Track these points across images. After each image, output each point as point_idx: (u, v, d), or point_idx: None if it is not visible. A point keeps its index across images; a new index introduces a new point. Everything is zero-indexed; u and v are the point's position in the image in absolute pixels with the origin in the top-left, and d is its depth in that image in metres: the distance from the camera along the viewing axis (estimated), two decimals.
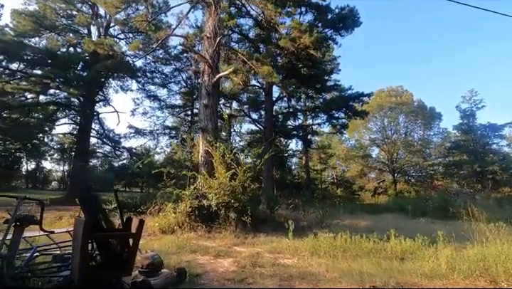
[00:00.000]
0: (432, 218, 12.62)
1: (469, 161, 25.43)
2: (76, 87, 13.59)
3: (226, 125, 8.69)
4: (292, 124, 19.23)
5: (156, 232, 7.05)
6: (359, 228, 9.23)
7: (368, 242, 6.00)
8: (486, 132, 26.47)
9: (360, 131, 33.97)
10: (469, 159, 25.70)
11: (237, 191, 7.70)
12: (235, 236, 6.94)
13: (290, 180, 25.70)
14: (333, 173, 36.96)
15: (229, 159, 7.93)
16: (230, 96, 15.90)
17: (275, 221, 9.16)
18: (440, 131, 31.06)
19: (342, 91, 15.76)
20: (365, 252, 5.47)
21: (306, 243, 6.11)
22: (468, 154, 26.20)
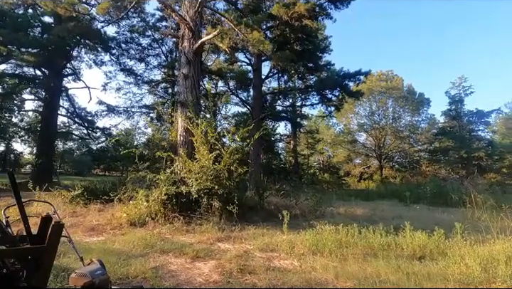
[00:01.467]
0: (427, 204, 12.09)
1: (456, 148, 25.36)
2: (34, 55, 11.70)
3: (210, 98, 7.36)
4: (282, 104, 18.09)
5: (124, 225, 5.86)
6: (357, 217, 8.42)
7: (375, 235, 5.10)
8: (473, 118, 26.38)
9: (348, 116, 33.36)
10: (456, 145, 25.63)
11: (221, 176, 6.57)
12: (219, 229, 5.87)
13: (277, 165, 24.85)
14: (320, 158, 36.51)
15: (212, 138, 6.74)
16: (215, 73, 14.46)
17: (265, 209, 8.17)
18: (428, 117, 30.88)
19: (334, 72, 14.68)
20: (376, 249, 4.55)
21: (304, 237, 5.12)
22: (454, 141, 26.12)
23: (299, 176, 22.73)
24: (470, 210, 8.90)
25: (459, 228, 5.20)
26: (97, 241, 4.64)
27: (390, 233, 5.56)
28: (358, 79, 12.95)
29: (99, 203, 7.90)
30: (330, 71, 13.94)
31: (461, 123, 26.64)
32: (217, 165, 6.55)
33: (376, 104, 31.09)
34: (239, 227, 6.09)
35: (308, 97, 19.13)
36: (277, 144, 28.02)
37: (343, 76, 12.98)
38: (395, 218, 8.24)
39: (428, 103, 30.49)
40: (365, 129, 32.06)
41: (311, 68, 15.15)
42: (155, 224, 5.84)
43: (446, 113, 27.14)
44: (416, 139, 30.81)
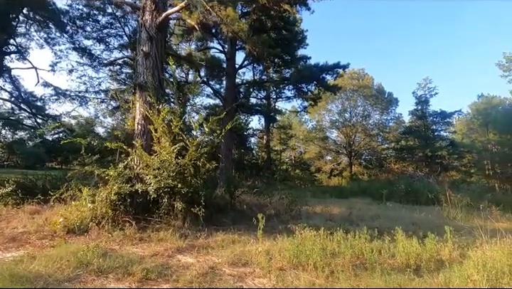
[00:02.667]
0: (399, 202, 12.02)
1: (421, 146, 26.34)
2: None
3: (174, 80, 6.28)
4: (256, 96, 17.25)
5: (59, 232, 4.67)
6: (335, 217, 7.88)
7: (360, 241, 4.48)
8: (437, 118, 27.55)
9: (320, 113, 33.48)
10: (421, 144, 26.63)
11: (186, 172, 5.59)
12: (182, 236, 4.91)
13: (249, 160, 24.10)
14: (292, 154, 36.41)
15: (177, 127, 5.71)
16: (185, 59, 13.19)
17: (236, 210, 7.32)
18: (396, 116, 31.88)
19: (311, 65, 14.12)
20: (366, 260, 3.90)
21: (283, 245, 4.36)
22: (419, 139, 27.14)
23: (271, 172, 22.18)
24: (446, 209, 8.82)
25: (449, 233, 4.77)
26: (10, 258, 3.47)
27: (375, 238, 5.02)
28: (336, 72, 12.51)
29: (36, 204, 6.54)
30: (306, 65, 13.35)
31: (426, 123, 27.72)
32: (181, 159, 5.55)
33: (348, 102, 31.45)
34: (205, 232, 5.18)
35: (283, 91, 18.53)
36: (250, 139, 27.25)
37: (321, 69, 12.47)
38: (374, 218, 7.83)
39: (396, 102, 31.47)
40: (336, 126, 32.38)
41: (287, 61, 14.49)
42: (100, 231, 4.73)
43: (413, 113, 28.09)
44: (384, 137, 31.69)
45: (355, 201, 11.83)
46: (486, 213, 8.74)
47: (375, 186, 15.04)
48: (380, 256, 4.10)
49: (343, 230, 4.93)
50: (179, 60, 12.89)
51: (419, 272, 3.68)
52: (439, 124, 28.02)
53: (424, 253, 4.04)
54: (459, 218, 7.98)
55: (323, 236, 4.79)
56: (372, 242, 4.80)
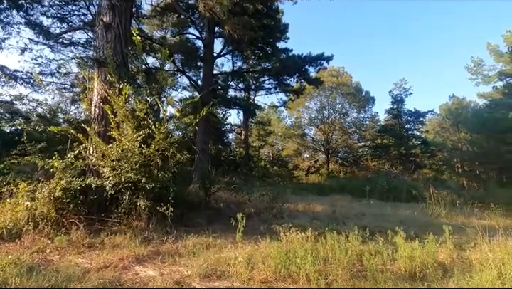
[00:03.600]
0: (380, 199, 11.82)
1: (396, 144, 26.86)
2: None
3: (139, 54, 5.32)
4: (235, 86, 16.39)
5: None
6: (319, 216, 7.33)
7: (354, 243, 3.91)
8: (411, 118, 28.22)
9: (299, 110, 33.28)
10: (395, 142, 27.16)
11: (152, 165, 4.72)
12: (144, 240, 4.07)
13: (226, 156, 23.24)
14: (270, 151, 36.00)
15: (142, 112, 4.81)
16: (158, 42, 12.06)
17: (212, 208, 6.53)
18: (372, 114, 32.39)
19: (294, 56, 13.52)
20: (365, 267, 3.30)
21: (266, 250, 3.67)
22: (395, 138, 27.67)
23: (249, 168, 21.50)
24: (430, 206, 8.62)
25: (448, 233, 4.33)
26: None
27: (366, 238, 4.50)
28: (320, 64, 12.04)
29: None
30: (289, 55, 12.75)
31: (400, 122, 28.34)
32: (146, 149, 4.67)
33: (326, 99, 31.46)
34: (174, 235, 4.36)
35: (263, 84, 17.84)
36: (227, 134, 26.37)
37: (304, 60, 11.91)
38: (359, 216, 7.39)
39: (373, 101, 31.92)
40: (315, 124, 32.33)
41: (268, 53, 13.80)
42: (37, 236, 3.76)
43: (389, 111, 28.60)
44: (361, 135, 32.09)
45: (336, 198, 11.44)
46: (467, 210, 8.71)
47: (354, 184, 14.86)
48: (379, 261, 3.53)
49: (332, 231, 4.36)
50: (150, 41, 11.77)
51: (426, 279, 3.15)
52: (413, 123, 28.77)
53: (428, 258, 3.51)
54: (443, 216, 7.78)
55: (312, 238, 4.18)
56: (365, 244, 4.30)
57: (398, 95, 28.49)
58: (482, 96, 26.65)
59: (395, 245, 4.31)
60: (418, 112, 28.12)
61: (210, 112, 15.39)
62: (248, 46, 11.50)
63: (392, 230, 5.11)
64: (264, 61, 14.56)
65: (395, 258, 3.59)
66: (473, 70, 27.65)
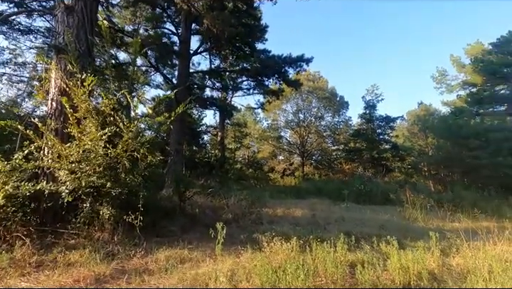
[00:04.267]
0: (356, 202, 11.87)
1: (368, 148, 27.68)
2: None
3: (107, 40, 4.69)
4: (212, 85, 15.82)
5: None
6: (300, 221, 7.05)
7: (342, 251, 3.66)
8: (382, 122, 29.27)
9: (275, 112, 33.33)
10: (368, 146, 28.00)
11: (119, 167, 4.16)
12: (108, 255, 3.51)
13: (201, 158, 22.51)
14: (246, 153, 35.66)
15: (108, 107, 4.23)
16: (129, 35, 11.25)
17: (187, 215, 6.01)
18: (346, 119, 33.21)
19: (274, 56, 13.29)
20: (358, 281, 3.03)
21: (249, 264, 3.29)
22: (367, 142, 28.53)
23: (225, 170, 20.96)
24: (407, 209, 8.71)
25: (434, 239, 4.22)
26: None
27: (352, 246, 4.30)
28: (300, 66, 11.90)
29: None
30: (269, 56, 12.49)
31: (372, 126, 29.30)
32: (112, 150, 4.09)
33: (303, 102, 31.80)
34: (143, 248, 3.83)
35: (241, 85, 17.46)
36: (203, 135, 25.62)
37: (284, 61, 11.71)
38: (340, 221, 7.23)
39: (347, 106, 32.76)
40: (291, 127, 32.53)
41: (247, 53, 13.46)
42: None
43: (362, 116, 29.46)
44: (335, 138, 32.77)
45: (314, 201, 11.32)
46: (440, 213, 8.93)
47: (331, 186, 14.92)
48: (372, 272, 3.28)
49: (317, 239, 4.08)
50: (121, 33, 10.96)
51: None
52: (384, 128, 29.87)
53: (420, 268, 3.32)
54: (420, 219, 7.86)
55: (297, 248, 3.88)
56: (351, 252, 4.07)
57: (370, 100, 29.48)
58: (446, 104, 28.34)
59: (382, 253, 4.14)
60: (389, 118, 29.25)
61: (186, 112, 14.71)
62: (227, 44, 11.06)
63: (376, 236, 4.98)
64: (243, 61, 14.20)
65: (387, 269, 3.37)
66: (438, 80, 29.34)
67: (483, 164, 15.53)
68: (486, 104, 20.87)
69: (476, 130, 17.61)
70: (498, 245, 4.81)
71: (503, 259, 3.96)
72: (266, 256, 3.63)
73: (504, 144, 15.33)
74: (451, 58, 27.07)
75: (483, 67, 20.79)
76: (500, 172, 14.95)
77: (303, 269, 2.78)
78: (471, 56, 24.05)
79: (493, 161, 15.04)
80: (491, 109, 21.24)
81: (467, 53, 25.23)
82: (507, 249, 4.57)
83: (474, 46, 24.31)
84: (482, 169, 15.62)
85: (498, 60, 19.81)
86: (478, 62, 21.56)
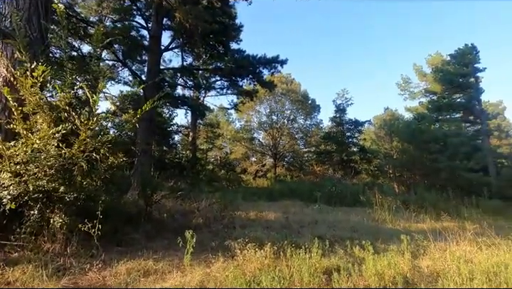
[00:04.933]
0: (327, 204, 12.04)
1: (338, 151, 28.52)
2: None
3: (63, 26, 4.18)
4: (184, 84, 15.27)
5: None
6: (273, 225, 6.91)
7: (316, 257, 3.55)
8: (352, 126, 30.33)
9: (248, 113, 33.25)
10: (338, 148, 28.86)
11: (75, 169, 3.70)
12: (58, 269, 3.08)
13: (171, 159, 21.70)
14: (218, 154, 35.15)
15: (63, 101, 3.76)
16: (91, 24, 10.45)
17: (153, 220, 5.60)
18: (317, 122, 34.00)
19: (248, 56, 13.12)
20: None
21: (220, 273, 3.06)
22: (337, 145, 29.39)
23: (196, 172, 20.39)
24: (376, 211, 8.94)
25: (406, 242, 4.27)
26: None
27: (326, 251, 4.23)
28: (274, 67, 11.86)
29: None
30: (243, 55, 12.30)
31: (342, 129, 30.27)
32: (66, 150, 3.63)
33: (276, 104, 32.05)
34: (101, 260, 3.43)
35: (214, 84, 17.11)
36: (173, 135, 24.76)
37: (259, 61, 11.59)
38: (313, 224, 7.20)
39: (318, 109, 33.55)
40: (264, 128, 32.62)
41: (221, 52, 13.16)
42: None
43: (333, 119, 30.31)
44: (307, 141, 33.40)
45: (287, 203, 11.30)
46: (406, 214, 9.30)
47: (303, 188, 15.04)
48: (348, 279, 3.19)
49: (291, 245, 3.96)
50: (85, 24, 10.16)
51: None
52: (353, 131, 30.98)
53: (395, 274, 3.30)
54: (388, 221, 8.10)
55: (271, 254, 3.71)
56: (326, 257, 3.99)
57: (341, 104, 30.45)
58: (409, 110, 30.10)
59: (356, 258, 4.11)
60: (357, 122, 30.39)
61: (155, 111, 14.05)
62: (200, 41, 10.68)
63: (349, 239, 4.97)
64: (217, 60, 13.87)
65: (362, 274, 3.30)
66: (402, 87, 31.06)
67: (441, 167, 16.60)
68: (444, 111, 22.42)
69: (436, 135, 18.82)
70: (461, 245, 5.02)
71: (467, 260, 4.11)
72: (239, 265, 3.42)
73: (460, 149, 16.51)
74: (414, 66, 28.79)
75: (442, 76, 22.33)
76: (456, 174, 16.06)
77: (279, 281, 2.60)
78: (432, 66, 25.76)
79: (450, 165, 16.13)
80: (448, 116, 22.87)
81: (428, 62, 26.98)
82: (469, 249, 4.76)
83: (434, 57, 26.05)
84: (441, 171, 16.69)
85: (455, 71, 21.39)
86: (438, 72, 23.13)
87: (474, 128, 23.27)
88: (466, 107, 21.34)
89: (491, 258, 3.87)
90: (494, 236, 5.20)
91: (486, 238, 5.19)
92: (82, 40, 11.95)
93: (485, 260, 3.71)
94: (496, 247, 4.71)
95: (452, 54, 23.07)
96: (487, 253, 4.22)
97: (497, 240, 4.99)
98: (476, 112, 21.68)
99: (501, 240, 5.01)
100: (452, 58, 22.94)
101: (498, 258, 3.88)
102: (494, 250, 4.54)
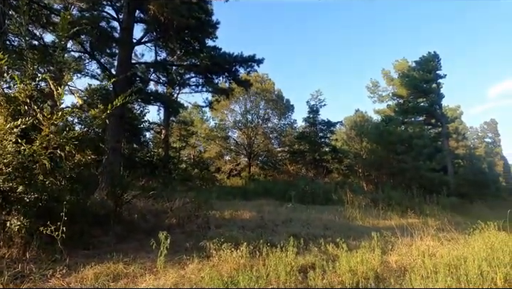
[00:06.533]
0: (301, 203, 12.26)
1: (311, 151, 29.20)
2: None
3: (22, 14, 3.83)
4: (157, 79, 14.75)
5: None
6: (248, 224, 6.89)
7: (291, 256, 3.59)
8: (324, 126, 31.17)
9: (223, 112, 32.97)
10: (310, 148, 29.54)
11: (36, 167, 3.42)
12: (16, 277, 2.82)
13: (142, 157, 20.90)
14: (192, 152, 34.51)
15: (23, 94, 3.45)
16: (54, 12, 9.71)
17: (124, 221, 5.35)
18: (291, 122, 34.53)
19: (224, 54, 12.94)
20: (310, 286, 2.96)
21: (195, 275, 2.98)
22: (310, 144, 30.07)
23: (169, 170, 19.82)
24: (347, 209, 9.25)
25: (376, 239, 4.45)
26: None
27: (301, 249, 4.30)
28: (251, 65, 11.82)
29: None
30: (220, 53, 12.12)
31: (315, 130, 31.03)
32: (26, 146, 3.34)
33: (251, 103, 32.07)
34: (66, 264, 3.19)
35: (189, 81, 16.69)
36: (145, 132, 23.83)
37: (235, 59, 11.48)
38: (287, 223, 7.29)
39: (292, 109, 34.09)
40: (239, 127, 32.53)
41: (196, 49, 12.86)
42: None
43: (306, 120, 30.96)
44: (281, 140, 33.81)
45: (261, 202, 11.35)
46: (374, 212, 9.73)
47: (277, 187, 15.20)
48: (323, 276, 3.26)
49: (266, 244, 3.98)
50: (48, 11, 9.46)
51: None
52: (325, 131, 31.86)
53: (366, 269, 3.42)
54: (358, 218, 8.43)
55: (246, 254, 3.69)
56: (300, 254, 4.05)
57: (314, 105, 31.17)
58: (378, 112, 31.60)
59: (329, 255, 4.22)
60: (330, 122, 31.27)
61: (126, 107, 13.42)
62: (175, 36, 10.35)
63: (323, 237, 5.10)
64: (192, 57, 13.53)
65: (336, 271, 3.39)
66: (371, 90, 32.54)
67: (407, 167, 17.61)
68: (410, 114, 23.79)
69: (402, 137, 19.93)
70: (425, 240, 5.34)
71: (431, 254, 4.38)
72: (214, 265, 3.36)
73: (424, 150, 17.62)
74: (382, 71, 30.25)
75: (408, 81, 23.67)
76: (420, 174, 17.12)
77: (257, 281, 2.58)
78: (399, 71, 27.23)
79: (415, 165, 17.16)
80: (413, 118, 24.32)
81: (395, 68, 28.47)
82: (432, 244, 5.09)
83: (401, 63, 27.54)
84: (406, 171, 17.70)
85: (419, 77, 22.77)
86: (404, 77, 24.49)
87: (435, 131, 24.98)
88: (428, 111, 22.81)
89: (452, 251, 4.15)
90: (453, 231, 5.61)
91: (446, 233, 5.60)
92: (44, 29, 11.11)
93: (446, 254, 3.96)
94: (455, 241, 5.09)
95: (417, 61, 24.54)
96: (448, 248, 4.53)
97: (456, 235, 5.39)
98: (437, 116, 23.28)
99: (459, 235, 5.43)
100: (417, 65, 24.39)
101: (458, 251, 4.17)
102: (454, 244, 4.90)
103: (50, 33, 11.25)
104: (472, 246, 4.31)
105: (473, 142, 53.32)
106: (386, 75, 29.82)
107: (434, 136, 23.91)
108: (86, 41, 11.73)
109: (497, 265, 3.33)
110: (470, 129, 51.47)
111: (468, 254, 3.89)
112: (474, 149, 44.71)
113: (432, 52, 23.72)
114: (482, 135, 60.14)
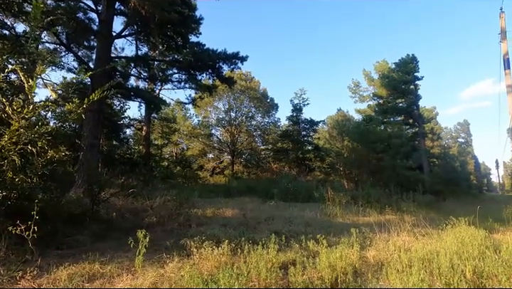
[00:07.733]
0: (283, 200, 12.36)
1: (294, 149, 29.53)
2: None
3: None
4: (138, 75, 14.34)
5: None
6: (230, 221, 6.88)
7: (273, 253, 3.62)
8: (307, 125, 31.59)
9: (207, 109, 32.63)
10: (294, 146, 29.87)
11: (5, 164, 3.23)
12: None
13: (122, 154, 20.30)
14: (174, 150, 33.92)
15: None
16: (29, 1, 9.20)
17: (101, 220, 5.18)
18: (275, 120, 34.71)
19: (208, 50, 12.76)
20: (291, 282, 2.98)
21: (175, 274, 2.93)
22: (293, 143, 30.39)
23: (150, 168, 19.37)
24: (328, 206, 9.41)
25: (355, 235, 4.56)
26: None
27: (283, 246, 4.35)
28: (235, 63, 11.72)
29: None
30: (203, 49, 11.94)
31: (298, 128, 31.37)
32: None
33: (235, 101, 31.92)
34: (37, 265, 3.05)
35: (171, 77, 16.36)
36: (124, 129, 23.14)
37: (219, 56, 11.35)
38: (268, 220, 7.32)
39: (276, 108, 34.25)
40: (222, 125, 32.31)
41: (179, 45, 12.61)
42: None
43: (290, 118, 31.23)
44: (264, 138, 33.92)
45: (244, 200, 11.35)
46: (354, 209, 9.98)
47: (260, 185, 15.26)
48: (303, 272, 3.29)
49: (248, 241, 3.98)
50: None
51: None
52: (308, 130, 32.30)
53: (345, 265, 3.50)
54: (339, 215, 8.61)
55: (228, 251, 3.67)
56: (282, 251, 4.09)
57: (298, 104, 31.49)
58: (359, 112, 32.36)
59: (310, 251, 4.29)
60: (313, 121, 31.73)
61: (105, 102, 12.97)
62: (157, 31, 10.09)
63: (304, 234, 5.16)
64: (174, 52, 13.26)
65: (316, 267, 3.44)
66: (353, 90, 33.25)
67: (385, 166, 18.17)
68: (389, 114, 24.55)
69: (381, 136, 20.53)
70: (401, 236, 5.54)
71: (407, 249, 4.54)
72: (195, 264, 3.32)
73: (401, 149, 18.24)
74: (363, 72, 30.98)
75: (387, 82, 24.40)
76: (397, 172, 17.72)
77: (237, 278, 2.57)
78: (379, 72, 28.01)
79: (393, 163, 17.74)
80: (392, 118, 25.11)
81: (376, 69, 29.26)
82: (408, 239, 5.30)
83: (381, 64, 28.34)
84: (385, 169, 18.27)
85: (398, 78, 23.53)
86: (384, 78, 25.21)
87: (413, 130, 25.96)
88: (406, 111, 23.64)
89: (426, 246, 4.33)
90: (428, 227, 5.85)
91: (421, 229, 5.83)
92: (16, 18, 10.51)
93: (421, 249, 4.13)
94: (429, 236, 5.32)
95: (396, 62, 25.33)
96: (422, 242, 4.72)
97: (430, 231, 5.63)
98: (414, 116, 24.19)
99: (433, 231, 5.67)
100: (397, 66, 25.18)
101: (431, 246, 4.36)
102: (428, 239, 5.12)
103: (22, 22, 10.66)
104: (444, 241, 4.52)
105: (447, 142, 55.96)
106: (367, 76, 30.56)
107: (411, 135, 24.83)
108: (62, 33, 11.21)
109: (467, 258, 3.50)
110: (444, 130, 53.82)
111: (441, 248, 4.07)
112: (448, 148, 46.93)
113: (411, 54, 24.59)
114: (455, 135, 63.25)
